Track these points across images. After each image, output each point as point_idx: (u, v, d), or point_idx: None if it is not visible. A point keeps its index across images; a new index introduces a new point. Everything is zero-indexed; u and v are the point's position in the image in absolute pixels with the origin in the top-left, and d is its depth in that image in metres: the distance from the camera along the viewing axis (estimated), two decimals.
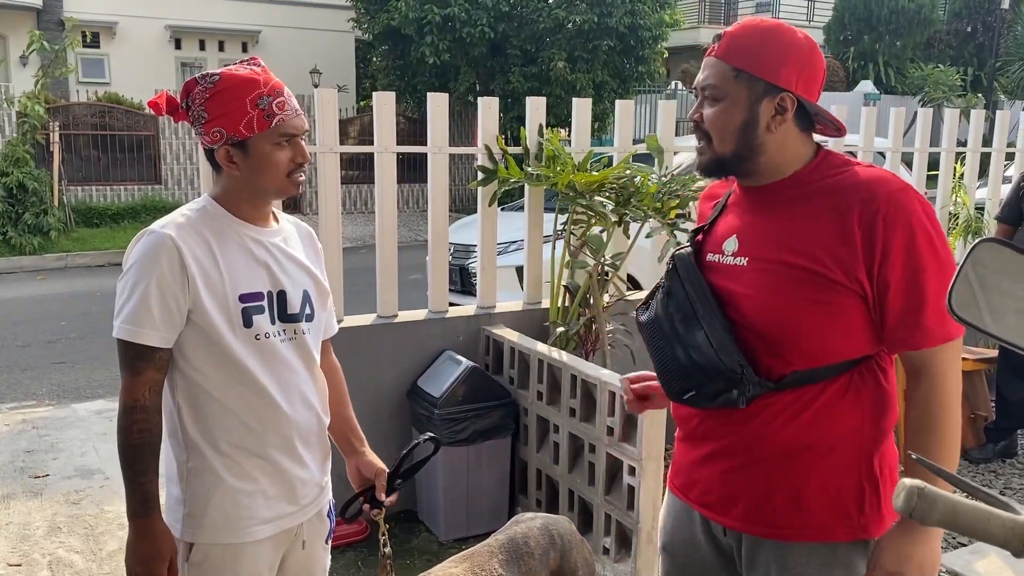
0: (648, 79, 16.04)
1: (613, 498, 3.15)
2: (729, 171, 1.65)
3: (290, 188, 1.81)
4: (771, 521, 1.62)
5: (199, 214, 1.77)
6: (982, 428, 4.56)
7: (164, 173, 14.45)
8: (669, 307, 1.66)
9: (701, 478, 1.72)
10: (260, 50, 19.23)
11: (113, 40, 18.32)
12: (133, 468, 1.70)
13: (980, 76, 21.59)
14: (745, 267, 1.61)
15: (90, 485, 4.22)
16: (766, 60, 1.57)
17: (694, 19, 24.86)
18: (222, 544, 1.77)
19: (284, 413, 1.79)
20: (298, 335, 1.84)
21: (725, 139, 1.59)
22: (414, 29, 14.41)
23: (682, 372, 1.62)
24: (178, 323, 1.70)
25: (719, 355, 1.56)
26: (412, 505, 3.79)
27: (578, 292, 3.80)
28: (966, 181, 5.53)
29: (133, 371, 1.69)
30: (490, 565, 2.20)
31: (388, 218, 3.72)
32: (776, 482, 1.61)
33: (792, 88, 1.57)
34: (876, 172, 1.57)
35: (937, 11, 21.58)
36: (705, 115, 1.61)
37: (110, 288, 9.25)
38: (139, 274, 1.69)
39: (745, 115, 1.57)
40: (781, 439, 1.59)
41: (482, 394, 3.52)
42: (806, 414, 1.57)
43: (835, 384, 1.57)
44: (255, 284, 1.77)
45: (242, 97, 1.71)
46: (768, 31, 1.60)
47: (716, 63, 1.60)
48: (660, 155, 4.04)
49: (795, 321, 1.55)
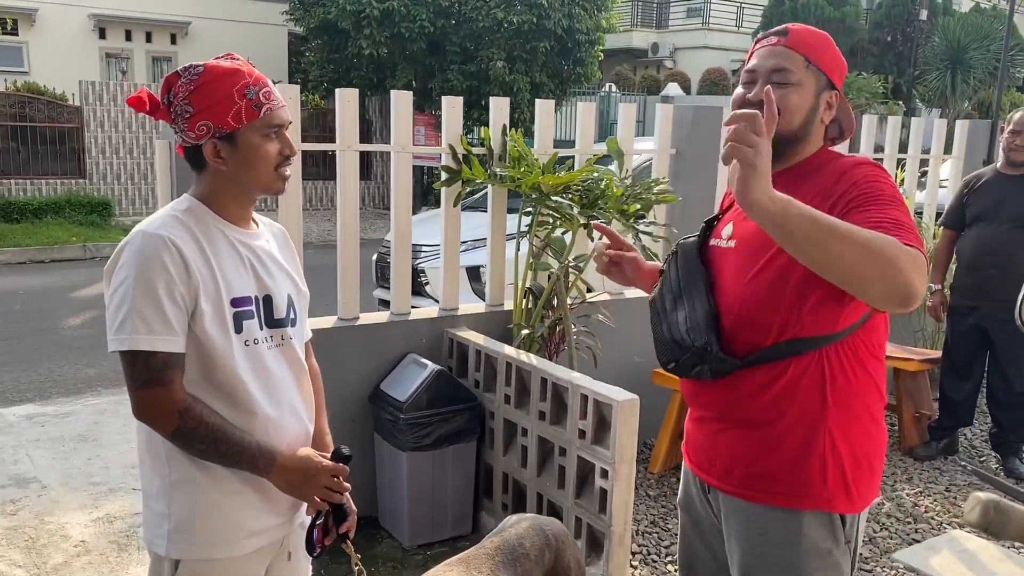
0: (585, 81, 16.16)
1: (584, 501, 3.13)
2: (779, 150, 1.66)
3: (277, 183, 1.73)
4: (742, 483, 1.79)
5: (187, 215, 1.68)
6: (926, 427, 4.71)
7: (89, 167, 13.89)
8: (663, 288, 1.87)
9: (694, 439, 1.94)
10: (190, 42, 18.72)
11: (32, 28, 17.57)
12: (231, 443, 1.62)
13: (900, 84, 22.40)
14: (733, 248, 1.80)
15: (26, 495, 4.02)
16: (829, 60, 1.76)
17: (627, 23, 25.18)
18: (210, 560, 1.69)
19: (273, 424, 1.72)
20: (285, 341, 1.78)
21: (794, 119, 1.73)
22: (351, 23, 14.21)
23: (666, 346, 1.83)
24: (186, 326, 1.61)
25: (689, 333, 1.75)
26: (373, 511, 3.71)
27: (542, 294, 3.78)
28: (906, 187, 5.70)
29: (163, 383, 1.58)
30: (486, 567, 2.17)
31: (350, 218, 3.63)
32: (748, 448, 1.77)
33: (837, 87, 1.77)
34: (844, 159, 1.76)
35: (860, 20, 22.32)
36: (778, 98, 1.64)
37: (35, 286, 8.88)
38: (142, 278, 1.57)
39: (812, 101, 1.74)
40: (752, 410, 1.75)
41: (448, 398, 3.46)
42: (773, 388, 1.72)
43: (803, 361, 1.69)
44: (245, 288, 1.70)
45: (228, 88, 1.64)
46: (825, 36, 1.80)
47: (786, 52, 1.74)
48: (620, 157, 4.06)
49: (767, 294, 1.69)
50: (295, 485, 1.69)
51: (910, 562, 3.51)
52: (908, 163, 5.75)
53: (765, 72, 1.74)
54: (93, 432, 4.87)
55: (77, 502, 3.95)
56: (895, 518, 3.94)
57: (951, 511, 4.00)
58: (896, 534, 3.79)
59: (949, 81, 20.82)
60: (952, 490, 4.27)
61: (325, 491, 1.72)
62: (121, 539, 3.60)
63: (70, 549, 3.51)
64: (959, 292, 4.54)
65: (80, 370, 6.24)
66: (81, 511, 3.86)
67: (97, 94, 13.80)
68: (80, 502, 3.95)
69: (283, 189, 1.77)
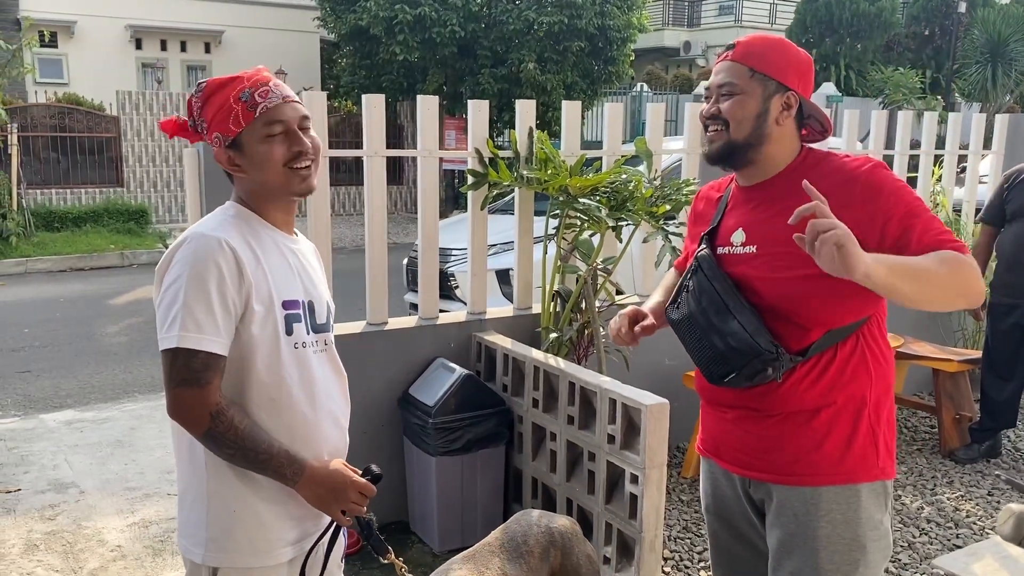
0: (616, 80, 16.09)
1: (614, 507, 3.10)
2: (737, 157, 1.86)
3: (293, 181, 1.70)
4: (800, 471, 1.84)
5: (235, 219, 1.70)
6: (967, 429, 4.60)
7: (126, 175, 14.14)
8: (702, 302, 1.86)
9: (732, 439, 1.94)
10: (224, 51, 18.96)
11: (72, 40, 17.91)
12: (260, 449, 1.61)
13: (938, 79, 22.00)
14: (755, 254, 1.84)
15: (65, 500, 4.08)
16: (777, 64, 1.84)
17: (659, 22, 25.06)
18: (248, 568, 1.69)
19: (315, 430, 1.72)
20: (328, 346, 1.80)
21: (742, 126, 1.83)
22: (383, 28, 14.29)
23: (721, 358, 1.82)
24: (233, 330, 1.62)
25: (755, 339, 1.76)
26: (404, 516, 3.71)
27: (570, 297, 3.75)
28: (943, 184, 5.59)
29: (200, 383, 1.57)
30: (493, 563, 2.18)
31: (378, 224, 3.64)
32: (804, 436, 1.83)
33: (796, 89, 1.84)
34: (852, 158, 1.84)
35: (896, 14, 21.95)
36: (723, 107, 1.84)
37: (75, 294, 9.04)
38: (197, 278, 1.57)
39: (759, 107, 1.83)
40: (806, 400, 1.82)
41: (477, 402, 3.45)
42: (825, 377, 1.81)
43: (846, 346, 1.81)
44: (294, 291, 1.72)
45: (226, 96, 1.67)
46: (777, 41, 1.88)
47: (733, 65, 1.85)
48: (649, 158, 4.01)
49: (807, 294, 1.76)
50: (322, 498, 1.68)
51: (951, 568, 3.41)
52: (946, 159, 5.64)
53: (715, 88, 1.87)
54: (130, 437, 4.93)
55: (113, 507, 4.00)
56: (935, 523, 3.85)
57: (994, 516, 3.89)
58: (936, 539, 3.70)
59: (989, 75, 20.38)
60: (995, 494, 4.16)
61: (352, 506, 1.71)
62: (156, 544, 3.64)
63: (106, 554, 3.55)
64: (999, 290, 4.43)
65: (118, 376, 6.34)
66: (117, 516, 3.91)
67: (134, 103, 14.04)
68: (116, 507, 4.00)
69: (304, 189, 1.72)
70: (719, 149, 1.86)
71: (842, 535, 1.83)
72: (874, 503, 1.85)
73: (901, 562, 3.51)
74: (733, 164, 1.90)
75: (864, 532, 1.84)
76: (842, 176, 1.78)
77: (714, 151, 1.88)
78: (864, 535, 1.84)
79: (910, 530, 3.78)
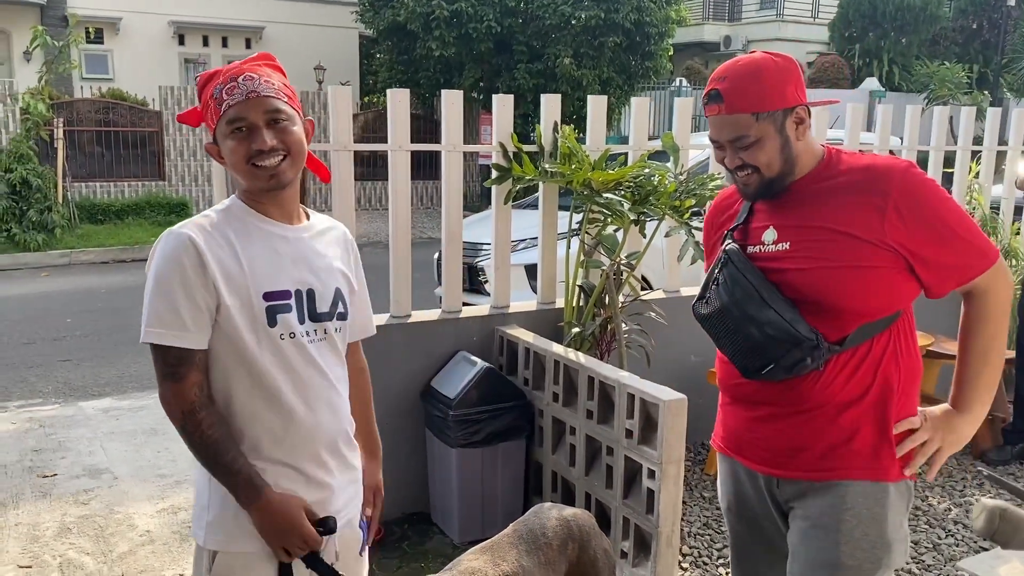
0: (654, 75, 15.96)
1: (632, 501, 3.10)
2: (776, 189, 1.85)
3: (258, 177, 1.67)
4: (829, 466, 1.83)
5: (221, 214, 1.73)
6: (1000, 430, 4.51)
7: (168, 169, 14.40)
8: (736, 294, 1.84)
9: (758, 438, 1.92)
10: (264, 46, 19.19)
11: (117, 36, 18.27)
12: (222, 462, 1.64)
13: (986, 73, 21.49)
14: (789, 250, 1.83)
15: (99, 485, 4.19)
16: (770, 95, 1.78)
17: (699, 16, 24.80)
18: (246, 553, 1.72)
19: (308, 419, 1.74)
20: (329, 334, 1.79)
21: (772, 165, 1.81)
22: (420, 24, 14.36)
23: (758, 349, 1.81)
24: (208, 324, 1.65)
25: (795, 327, 1.76)
26: (425, 507, 3.74)
27: (593, 292, 3.75)
28: (981, 180, 5.47)
29: (176, 377, 1.64)
30: (510, 555, 2.18)
31: (402, 217, 3.67)
32: (834, 431, 1.82)
33: (799, 100, 1.81)
34: (883, 160, 1.82)
35: (943, 8, 21.47)
36: (746, 157, 1.81)
37: (116, 285, 9.24)
38: (162, 276, 1.64)
39: (779, 141, 1.80)
40: (838, 394, 1.81)
41: (497, 395, 3.47)
42: (860, 370, 1.80)
43: (880, 340, 1.81)
44: (281, 282, 1.72)
45: (208, 91, 1.70)
46: (757, 72, 1.79)
47: (732, 118, 1.79)
48: (676, 153, 3.99)
49: (843, 284, 1.75)
50: (266, 531, 1.68)
51: (976, 571, 3.35)
52: (984, 155, 5.52)
53: (728, 144, 1.83)
54: (163, 425, 5.03)
55: (145, 493, 4.10)
56: (962, 524, 3.79)
57: None
58: (963, 541, 3.65)
59: None
60: None
61: (294, 550, 1.71)
62: (183, 530, 3.72)
63: (136, 538, 3.64)
64: None
65: None
66: (148, 502, 4.00)
67: (176, 98, 14.29)
68: (147, 493, 4.10)
69: (270, 185, 1.69)
70: (757, 190, 1.86)
71: (867, 532, 1.81)
72: (900, 504, 1.85)
73: (925, 563, 3.46)
74: (773, 196, 1.88)
75: (891, 532, 1.83)
76: (869, 175, 1.77)
77: (752, 192, 1.87)
78: (891, 535, 1.83)
79: (936, 531, 3.72)
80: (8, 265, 10.87)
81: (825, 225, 1.78)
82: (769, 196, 1.87)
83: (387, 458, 3.62)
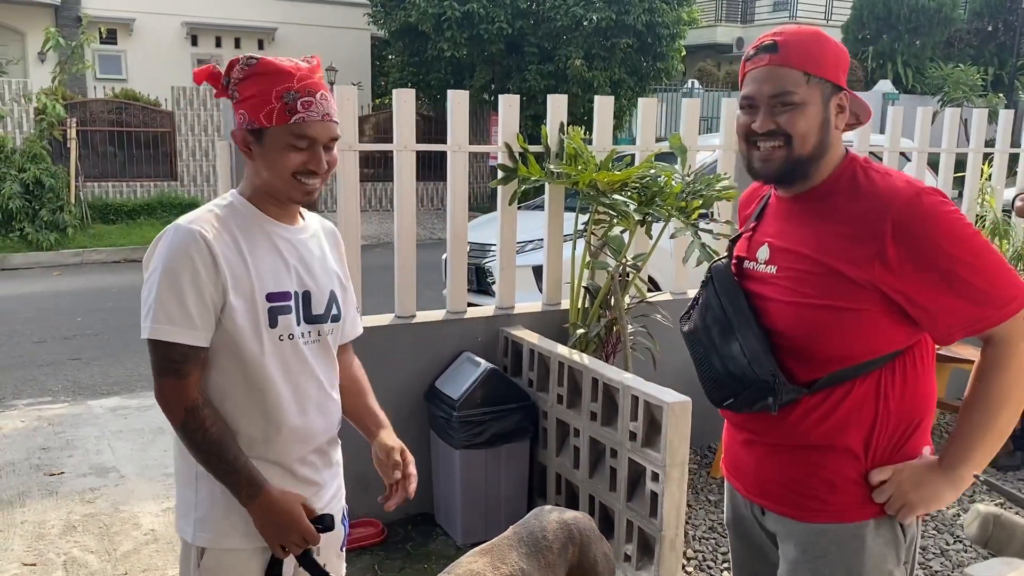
0: (665, 77, 15.93)
1: (635, 504, 3.09)
2: (797, 173, 1.67)
3: (294, 191, 1.70)
4: (804, 505, 1.70)
5: (226, 210, 1.72)
6: (1010, 436, 4.46)
7: (180, 170, 14.47)
8: (706, 319, 1.75)
9: (744, 463, 1.83)
10: (276, 47, 19.25)
11: (130, 37, 18.37)
12: (223, 460, 1.64)
13: (1001, 76, 21.34)
14: (775, 274, 1.69)
15: (105, 483, 4.20)
16: (828, 62, 1.63)
17: (711, 17, 24.74)
18: (234, 549, 1.72)
19: (300, 420, 1.74)
20: (322, 336, 1.80)
21: (807, 140, 1.62)
22: (431, 25, 14.37)
23: (720, 382, 1.72)
24: (213, 322, 1.64)
25: (752, 366, 1.64)
26: (429, 508, 3.73)
27: (599, 293, 3.74)
28: (993, 183, 5.43)
29: (179, 374, 1.62)
30: (510, 558, 2.18)
31: (407, 217, 3.67)
32: (810, 471, 1.69)
33: (844, 86, 1.66)
34: (892, 184, 1.60)
35: (957, 10, 21.34)
36: (783, 121, 1.62)
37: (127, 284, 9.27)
38: (170, 271, 1.61)
39: (822, 115, 1.63)
40: (813, 436, 1.67)
41: (501, 396, 3.46)
42: (836, 414, 1.64)
43: (866, 382, 1.63)
44: (283, 283, 1.72)
45: (271, 86, 1.65)
46: (819, 36, 1.65)
47: (782, 71, 1.61)
48: (683, 154, 3.97)
49: (820, 327, 1.61)
50: (266, 527, 1.69)
51: None
52: (996, 158, 5.48)
53: (764, 99, 1.63)
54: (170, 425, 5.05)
55: (150, 492, 4.11)
56: None
57: None
58: (971, 547, 3.61)
59: None
60: None
61: (292, 547, 1.71)
62: None
63: (140, 537, 3.65)
64: None
65: None
66: (153, 501, 4.01)
67: (188, 99, 14.36)
68: (153, 492, 4.11)
69: (303, 200, 1.73)
70: (780, 168, 1.64)
71: None
72: (881, 547, 1.67)
73: (932, 569, 3.43)
74: (790, 181, 1.69)
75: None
76: (871, 203, 1.58)
77: (774, 170, 1.66)
78: None
79: (944, 537, 3.68)
80: (21, 264, 10.95)
81: (813, 255, 1.62)
82: (788, 183, 1.69)
83: None
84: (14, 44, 17.19)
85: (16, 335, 7.29)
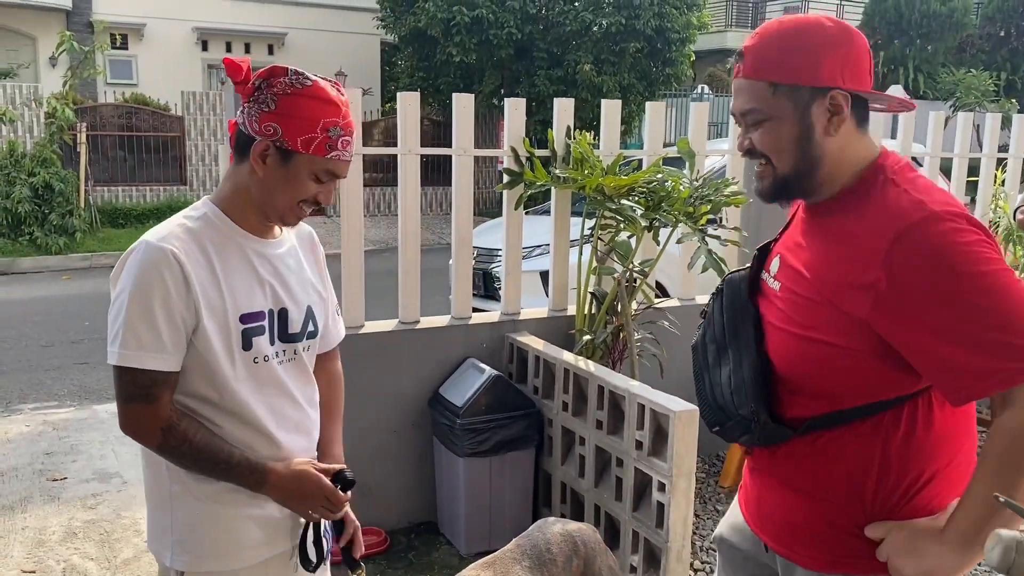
0: (675, 82, 15.89)
1: (641, 514, 3.03)
2: (793, 191, 1.51)
3: (291, 216, 1.66)
4: (799, 549, 1.55)
5: (199, 223, 1.62)
6: None
7: (189, 174, 14.49)
8: (707, 335, 1.64)
9: (750, 491, 1.69)
10: (286, 52, 19.30)
11: (141, 42, 18.44)
12: (217, 463, 1.59)
13: (1014, 81, 21.20)
14: (778, 293, 1.54)
15: (108, 489, 4.17)
16: (801, 63, 1.42)
17: (721, 22, 24.69)
18: (214, 572, 1.67)
19: (276, 442, 1.68)
20: (297, 355, 1.74)
21: (783, 157, 1.46)
22: (441, 30, 14.37)
23: (710, 406, 1.61)
24: (184, 344, 1.57)
25: (733, 398, 1.52)
26: (432, 516, 3.69)
27: (605, 299, 3.69)
28: (1007, 188, 5.36)
29: (148, 399, 1.54)
30: (513, 571, 2.13)
31: (411, 222, 3.63)
32: (808, 516, 1.53)
33: (839, 83, 1.42)
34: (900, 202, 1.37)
35: (969, 15, 21.21)
36: (754, 140, 1.48)
37: None
38: (140, 291, 1.52)
39: (798, 127, 1.43)
40: (807, 479, 1.52)
41: (506, 404, 3.41)
42: (831, 458, 1.48)
43: (863, 427, 1.44)
44: (256, 303, 1.65)
45: (318, 115, 1.58)
46: (791, 32, 1.44)
47: (748, 84, 1.46)
48: (691, 159, 3.92)
49: (809, 361, 1.45)
50: (287, 502, 1.68)
51: None
52: (1009, 163, 5.41)
53: (739, 116, 1.49)
54: None
55: None
56: None
57: None
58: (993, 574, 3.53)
59: None
60: None
61: (321, 509, 1.70)
62: None
63: (140, 544, 3.61)
64: None
65: None
66: None
67: (198, 104, 14.39)
68: None
69: (292, 224, 1.72)
70: (770, 188, 1.51)
71: None
72: None
73: None
74: (787, 199, 1.54)
75: None
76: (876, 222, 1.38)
77: (765, 190, 1.52)
78: None
79: None
80: (30, 268, 10.97)
81: (811, 278, 1.45)
82: (785, 200, 1.54)
83: (394, 465, 3.59)
84: (25, 49, 17.28)
85: (24, 339, 7.29)
